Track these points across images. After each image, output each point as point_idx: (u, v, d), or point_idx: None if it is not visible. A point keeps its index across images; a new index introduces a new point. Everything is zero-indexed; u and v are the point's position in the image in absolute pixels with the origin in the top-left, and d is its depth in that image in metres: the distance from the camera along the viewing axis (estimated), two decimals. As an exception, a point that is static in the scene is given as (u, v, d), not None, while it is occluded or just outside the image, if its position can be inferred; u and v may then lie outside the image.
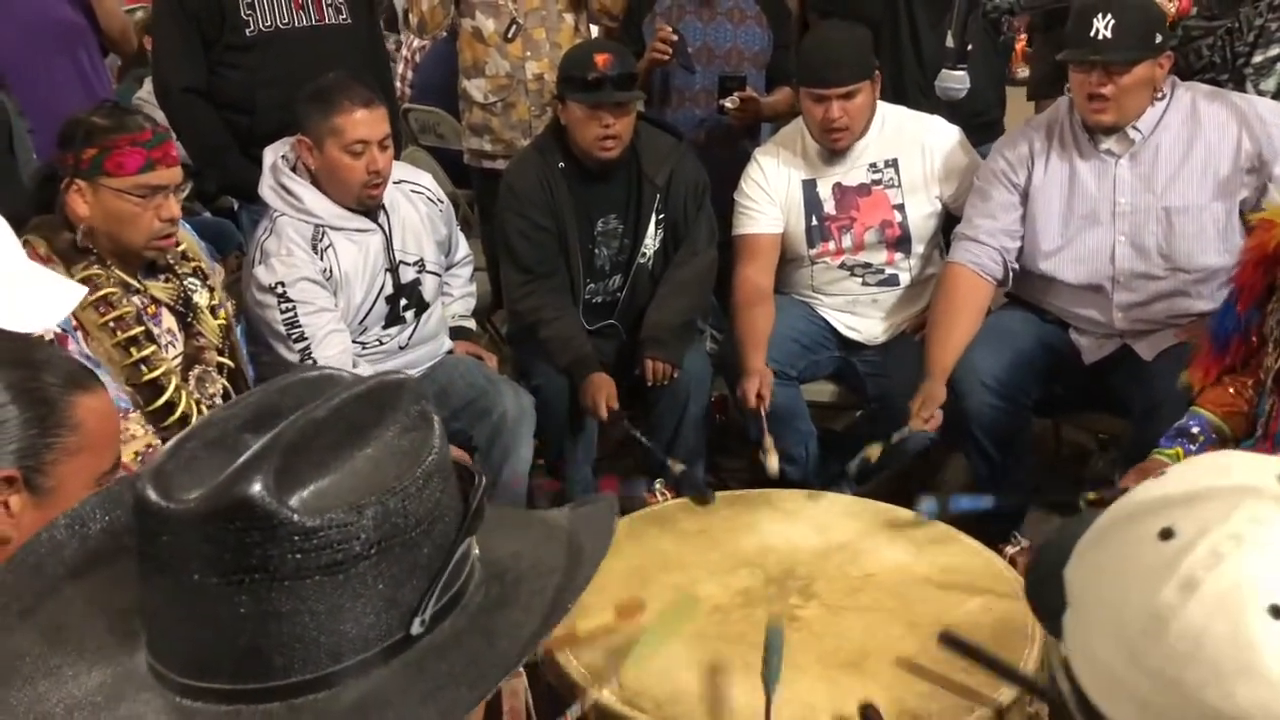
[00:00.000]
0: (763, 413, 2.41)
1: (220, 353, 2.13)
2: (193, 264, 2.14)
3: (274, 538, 0.66)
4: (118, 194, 1.93)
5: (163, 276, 2.07)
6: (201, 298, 2.12)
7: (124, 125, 1.95)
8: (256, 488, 0.66)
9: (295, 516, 0.66)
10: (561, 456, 2.82)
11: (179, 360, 2.05)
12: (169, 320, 2.06)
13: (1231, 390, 1.93)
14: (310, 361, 2.35)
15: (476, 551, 0.77)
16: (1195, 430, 1.92)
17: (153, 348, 1.98)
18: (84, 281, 1.92)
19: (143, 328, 1.98)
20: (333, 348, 2.37)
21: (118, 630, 0.74)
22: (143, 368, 1.96)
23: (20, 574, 0.79)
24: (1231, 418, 1.91)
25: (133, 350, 1.95)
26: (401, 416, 0.73)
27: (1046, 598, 0.71)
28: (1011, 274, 2.58)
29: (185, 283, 2.10)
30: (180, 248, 2.10)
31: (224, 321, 2.17)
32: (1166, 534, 0.62)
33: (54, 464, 1.17)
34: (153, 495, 0.68)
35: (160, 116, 2.59)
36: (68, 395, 1.20)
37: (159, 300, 2.05)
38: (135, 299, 2.00)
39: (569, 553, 0.80)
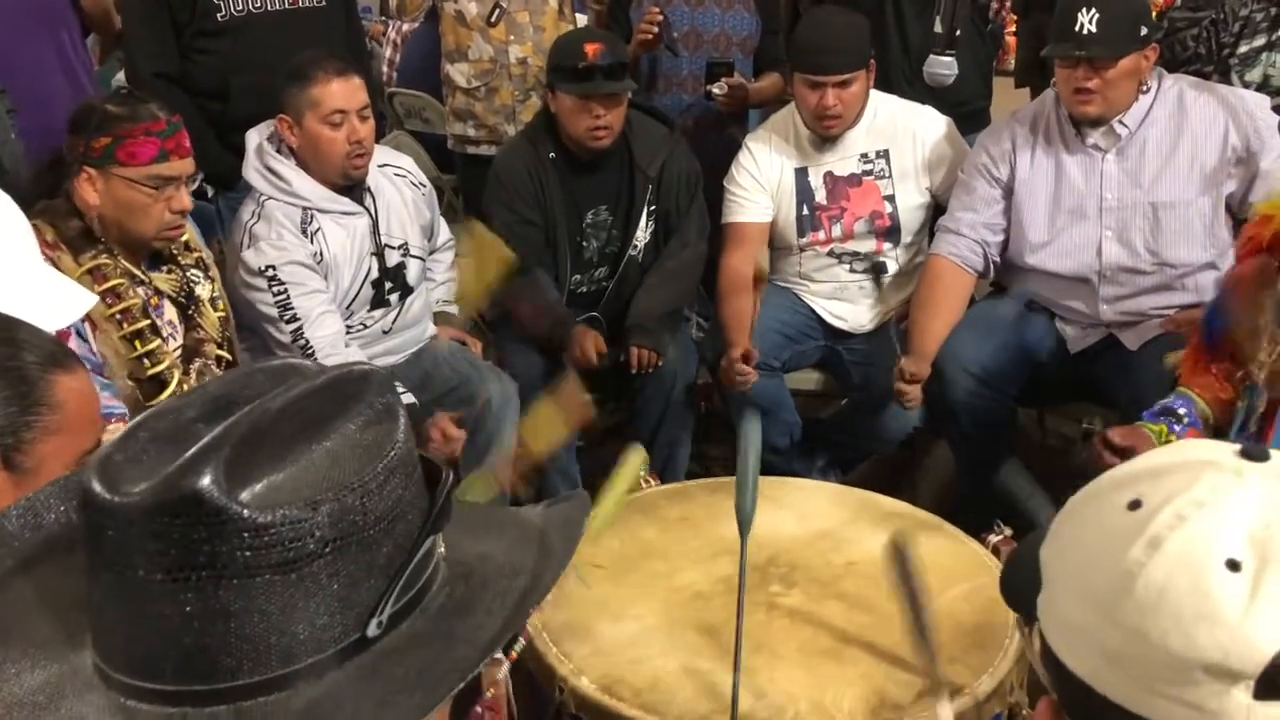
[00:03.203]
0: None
1: (219, 345, 2.11)
2: (195, 254, 2.13)
3: (222, 534, 0.63)
4: (130, 184, 1.91)
5: (166, 268, 2.06)
6: (203, 290, 2.10)
7: (138, 114, 1.93)
8: (205, 481, 0.63)
9: (245, 512, 0.63)
10: None
11: (179, 353, 2.03)
12: (170, 312, 2.04)
13: (1216, 375, 1.93)
14: (303, 341, 2.33)
15: (442, 550, 0.74)
16: (1181, 411, 1.91)
17: (157, 341, 1.96)
18: (93, 271, 1.91)
19: (149, 321, 1.96)
20: (326, 328, 2.36)
21: (65, 626, 0.71)
22: (146, 362, 1.94)
23: None
24: (1216, 404, 1.91)
25: (137, 344, 1.93)
26: (365, 409, 0.70)
27: (1022, 584, 0.76)
28: (993, 266, 2.59)
29: (188, 274, 2.08)
30: (183, 238, 2.08)
31: (223, 313, 2.16)
32: (1134, 504, 0.68)
33: (34, 443, 1.15)
34: (98, 488, 0.65)
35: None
36: (48, 374, 1.18)
37: (162, 291, 2.03)
38: (139, 290, 1.98)
39: (539, 554, 0.78)
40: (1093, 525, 0.70)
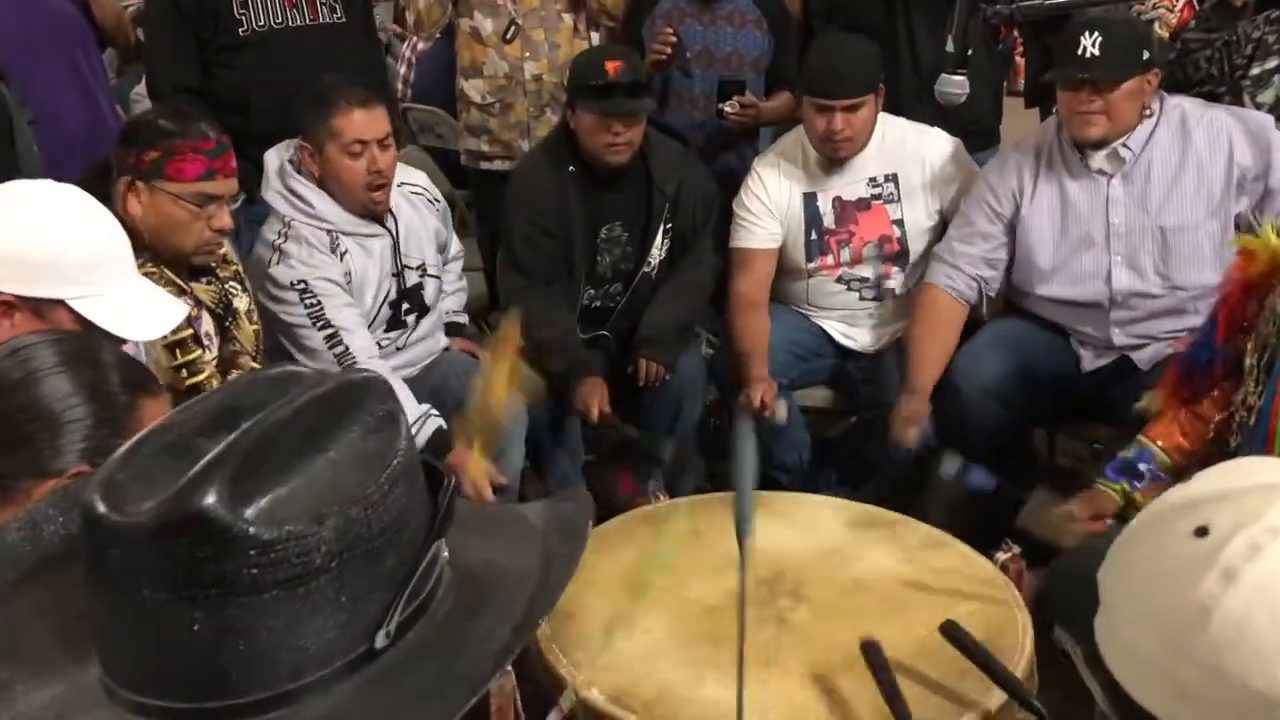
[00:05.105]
0: None
1: (253, 359, 2.12)
2: (233, 267, 2.13)
3: (229, 551, 0.63)
4: (174, 199, 1.92)
5: (205, 279, 2.06)
6: (240, 302, 2.11)
7: (188, 131, 1.94)
8: (210, 499, 0.63)
9: (251, 529, 0.63)
10: (544, 459, 2.81)
11: (214, 364, 2.04)
12: (208, 323, 2.05)
13: (1182, 425, 1.94)
14: (341, 349, 2.33)
15: (446, 555, 0.74)
16: (1142, 468, 1.93)
17: (198, 351, 1.97)
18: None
19: (191, 331, 1.96)
20: (363, 340, 2.37)
21: (69, 641, 0.71)
22: (184, 372, 1.94)
23: None
24: (1176, 451, 1.92)
25: (178, 353, 1.94)
26: (366, 417, 0.70)
27: (1072, 601, 0.74)
28: (986, 299, 2.59)
29: (227, 286, 2.09)
30: (221, 251, 2.09)
31: (257, 327, 2.16)
32: (1201, 531, 0.65)
33: None
34: (101, 508, 0.64)
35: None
36: (136, 398, 1.21)
37: (201, 302, 2.04)
38: (183, 300, 2.00)
39: (543, 556, 0.77)
40: (1157, 552, 0.68)
